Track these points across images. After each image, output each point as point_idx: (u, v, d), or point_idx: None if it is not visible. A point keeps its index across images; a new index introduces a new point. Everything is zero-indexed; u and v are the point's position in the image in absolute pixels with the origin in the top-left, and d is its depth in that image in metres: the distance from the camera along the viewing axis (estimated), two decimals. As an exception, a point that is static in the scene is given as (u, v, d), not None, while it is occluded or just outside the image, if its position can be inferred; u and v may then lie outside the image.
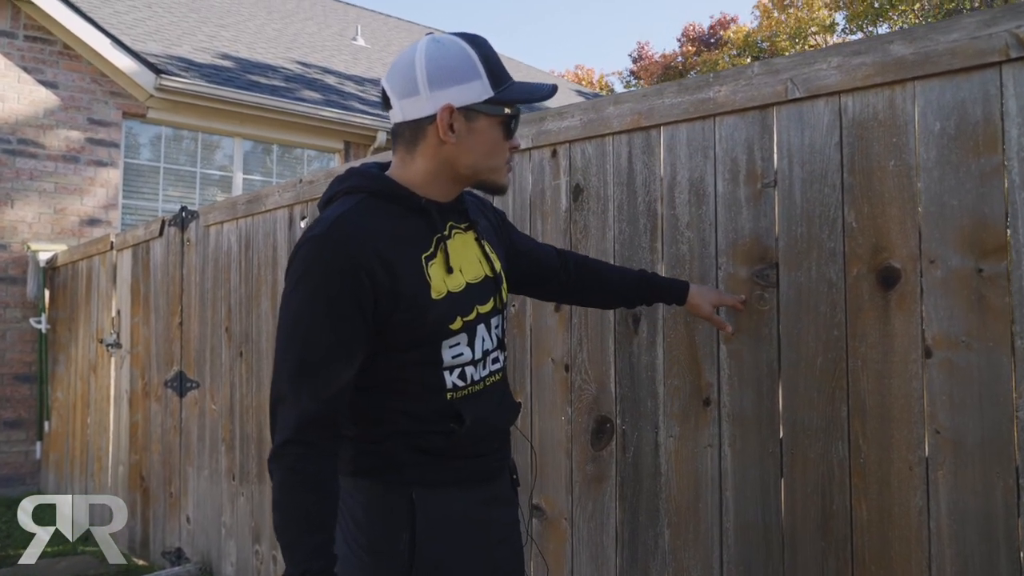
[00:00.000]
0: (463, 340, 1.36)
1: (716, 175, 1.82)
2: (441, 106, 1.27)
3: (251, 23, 10.16)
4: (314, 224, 1.30)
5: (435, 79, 1.28)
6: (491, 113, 1.31)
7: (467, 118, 1.29)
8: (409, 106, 1.31)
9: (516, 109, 1.34)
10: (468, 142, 1.31)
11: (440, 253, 1.34)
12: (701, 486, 1.82)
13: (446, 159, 1.32)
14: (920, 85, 1.51)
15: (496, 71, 1.30)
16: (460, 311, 1.35)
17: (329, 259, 1.23)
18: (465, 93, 1.28)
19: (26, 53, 6.30)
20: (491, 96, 1.29)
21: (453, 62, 1.28)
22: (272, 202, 3.29)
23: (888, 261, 1.54)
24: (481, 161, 1.33)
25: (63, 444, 5.62)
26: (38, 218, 6.29)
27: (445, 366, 1.34)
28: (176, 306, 4.00)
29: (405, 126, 1.33)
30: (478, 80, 1.28)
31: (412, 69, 1.29)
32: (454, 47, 1.29)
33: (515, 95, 1.32)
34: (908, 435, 1.50)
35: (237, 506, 3.48)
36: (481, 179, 1.37)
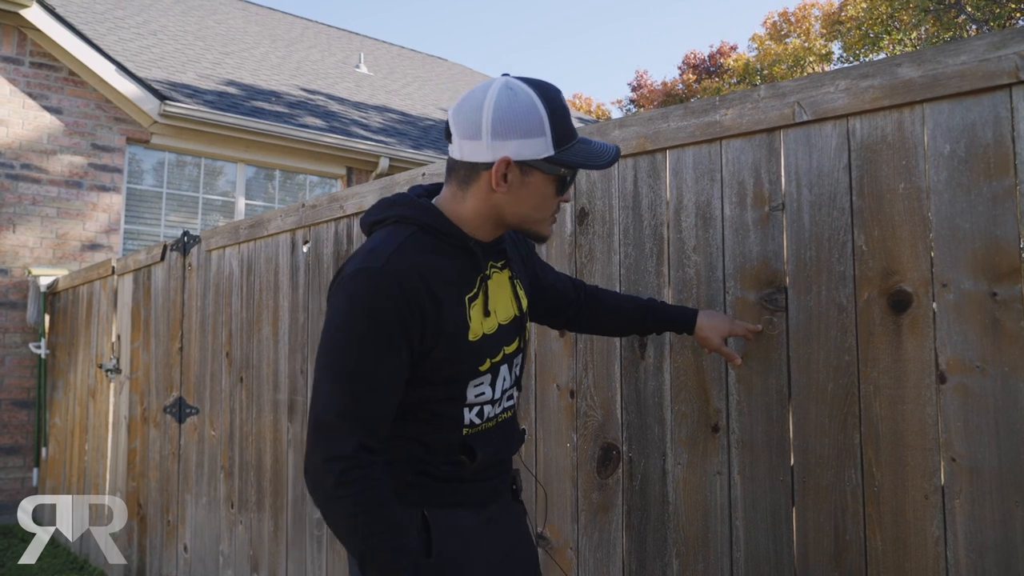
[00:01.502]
0: (487, 380, 1.40)
1: (723, 198, 1.81)
2: (499, 157, 1.28)
3: (255, 51, 10.25)
4: (366, 256, 1.30)
5: (499, 129, 1.28)
6: (547, 171, 1.31)
7: (522, 171, 1.31)
8: (469, 147, 1.31)
9: (573, 171, 1.34)
10: (519, 193, 1.32)
11: (482, 294, 1.38)
12: (710, 515, 1.78)
13: (495, 204, 1.34)
14: (929, 107, 1.50)
15: (561, 130, 1.30)
16: (490, 353, 1.39)
17: (385, 293, 1.24)
18: (525, 148, 1.29)
19: (31, 79, 6.35)
20: (551, 155, 1.30)
21: (520, 115, 1.28)
22: (274, 227, 3.28)
23: (899, 285, 1.51)
24: (529, 213, 1.35)
25: (60, 471, 5.56)
26: (40, 243, 6.29)
27: (467, 403, 1.38)
28: (177, 331, 3.98)
29: (461, 164, 1.34)
30: (541, 137, 1.29)
31: (479, 113, 1.29)
32: (525, 99, 1.28)
33: (574, 158, 1.32)
34: (923, 463, 1.46)
35: (235, 535, 3.43)
36: (525, 228, 1.39)
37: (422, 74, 13.31)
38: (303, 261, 3.12)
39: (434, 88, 12.53)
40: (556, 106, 1.30)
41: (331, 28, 14.02)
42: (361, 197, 2.82)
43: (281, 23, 12.75)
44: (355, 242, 2.84)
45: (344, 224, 2.90)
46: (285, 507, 3.11)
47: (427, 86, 12.46)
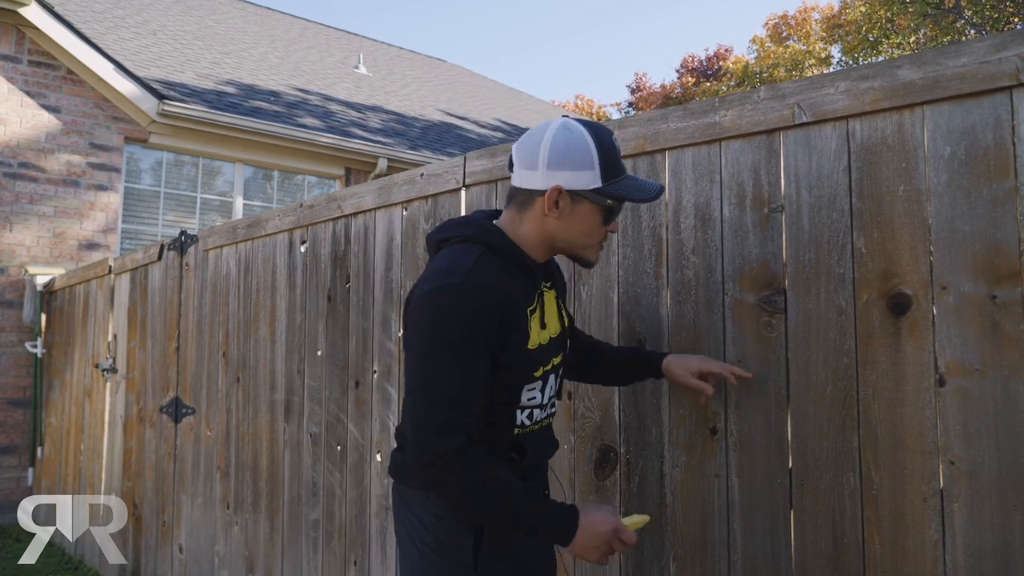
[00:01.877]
0: (539, 386, 1.57)
1: (722, 200, 1.80)
2: (551, 185, 1.46)
3: (254, 51, 10.24)
4: (445, 273, 1.44)
5: (553, 161, 1.46)
6: (595, 201, 1.48)
7: (572, 200, 1.48)
8: (527, 176, 1.50)
9: (619, 202, 1.50)
10: (569, 220, 1.50)
11: (539, 308, 1.56)
12: (708, 517, 1.77)
13: (547, 229, 1.51)
14: (929, 109, 1.49)
15: (609, 165, 1.47)
16: (543, 362, 1.56)
17: (467, 307, 1.39)
18: (576, 179, 1.46)
19: (29, 78, 6.34)
20: (598, 187, 1.46)
21: (572, 150, 1.45)
22: (272, 226, 3.27)
23: (899, 287, 1.51)
24: (577, 238, 1.53)
25: (56, 471, 5.54)
26: (36, 242, 6.27)
27: (520, 406, 1.55)
28: (173, 331, 3.96)
29: (520, 191, 1.52)
30: (591, 171, 1.46)
31: (537, 147, 1.48)
32: (579, 136, 1.46)
33: (619, 191, 1.48)
34: (922, 466, 1.46)
35: (231, 535, 3.41)
36: (574, 253, 1.57)
37: (421, 75, 13.31)
38: (301, 261, 3.11)
39: (433, 89, 12.53)
40: (606, 145, 1.48)
41: (330, 28, 14.01)
42: (359, 197, 2.81)
43: (280, 23, 12.74)
44: (353, 242, 2.83)
45: (342, 224, 2.90)
46: (281, 508, 3.10)
47: (426, 87, 12.46)
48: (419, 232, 2.57)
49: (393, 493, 1.66)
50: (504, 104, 13.40)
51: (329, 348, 2.90)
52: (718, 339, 1.78)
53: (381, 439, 2.63)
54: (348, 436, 2.78)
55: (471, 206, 2.40)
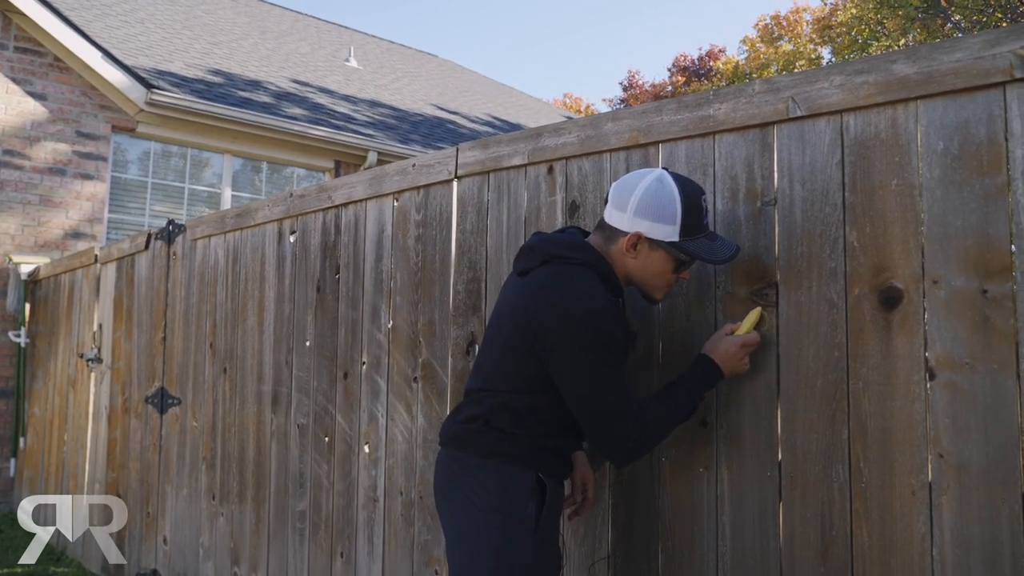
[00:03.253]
0: None
1: (715, 193, 1.80)
2: (634, 230, 1.64)
3: (244, 42, 10.17)
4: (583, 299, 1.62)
5: (641, 209, 1.64)
6: (670, 252, 1.65)
7: (651, 246, 1.65)
8: (616, 217, 1.69)
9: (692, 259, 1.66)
10: (644, 262, 1.68)
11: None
12: (697, 510, 1.77)
13: (626, 266, 1.71)
14: (923, 104, 1.50)
15: (690, 224, 1.62)
16: None
17: (611, 323, 1.61)
18: (656, 229, 1.63)
19: (15, 64, 6.26)
20: (675, 241, 1.63)
21: (660, 204, 1.62)
22: (261, 216, 3.25)
23: (890, 281, 1.51)
24: (649, 280, 1.71)
25: (38, 461, 5.49)
26: (21, 230, 6.20)
27: None
28: (160, 321, 3.93)
29: (608, 226, 1.71)
30: (671, 225, 1.62)
31: (631, 193, 1.66)
32: (669, 191, 1.62)
33: (693, 249, 1.63)
34: (911, 459, 1.46)
35: (216, 527, 3.39)
36: (644, 289, 1.74)
37: (412, 69, 13.26)
38: (290, 251, 3.09)
39: (424, 83, 12.49)
40: (692, 204, 1.62)
41: (321, 21, 13.93)
42: (350, 187, 2.79)
43: (271, 15, 12.65)
44: (343, 232, 2.82)
45: (332, 214, 2.88)
46: (267, 499, 3.08)
47: (417, 81, 12.41)
48: (410, 223, 2.55)
49: (448, 462, 1.79)
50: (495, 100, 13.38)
51: (318, 339, 2.89)
52: (710, 332, 1.77)
53: (369, 430, 2.62)
54: (336, 427, 2.77)
55: (463, 197, 2.39)
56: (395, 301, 2.58)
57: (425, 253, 2.49)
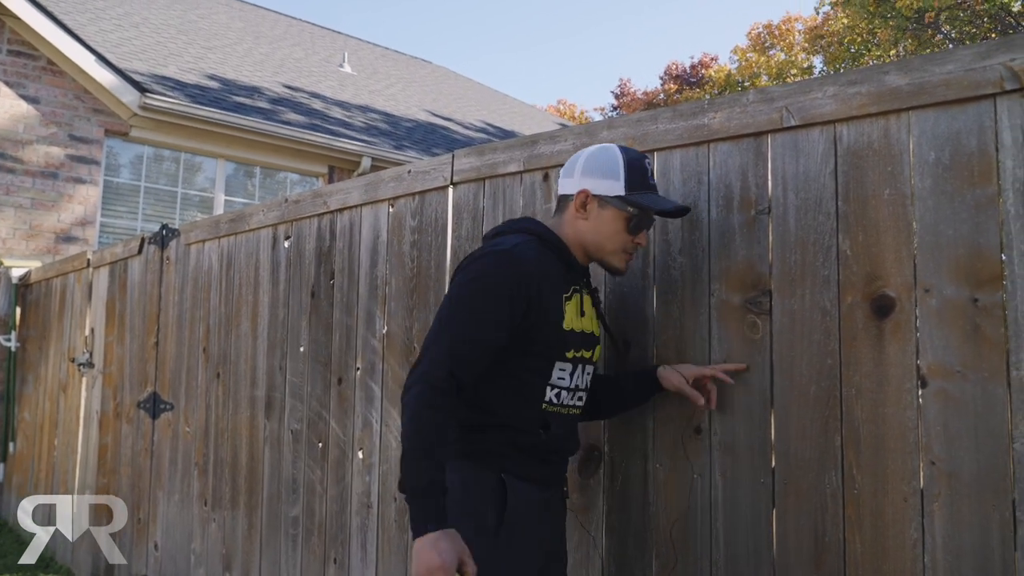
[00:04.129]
0: (568, 369, 1.70)
1: (710, 201, 1.81)
2: (580, 188, 1.69)
3: (238, 47, 10.17)
4: (494, 244, 1.66)
5: (585, 170, 1.70)
6: (618, 207, 1.67)
7: (599, 204, 1.69)
8: (565, 183, 1.75)
9: (640, 212, 1.67)
10: (595, 223, 1.70)
11: (575, 297, 1.71)
12: (691, 517, 1.78)
13: (579, 231, 1.71)
14: (915, 115, 1.51)
15: (635, 179, 1.67)
16: (574, 346, 1.70)
17: (506, 269, 1.59)
18: (601, 185, 1.68)
19: (8, 67, 6.25)
20: (621, 194, 1.67)
21: (603, 162, 1.69)
22: (256, 221, 3.25)
23: (882, 290, 1.53)
24: (603, 242, 1.70)
25: (28, 466, 5.45)
26: (12, 234, 6.18)
27: (550, 382, 1.68)
28: (152, 325, 3.92)
29: (561, 198, 1.76)
30: (616, 180, 1.67)
31: (577, 160, 1.74)
32: (611, 153, 1.70)
33: (640, 200, 1.66)
34: (903, 466, 1.48)
35: (208, 532, 3.38)
36: (601, 257, 1.73)
37: (406, 75, 13.28)
38: (284, 257, 3.09)
39: (418, 89, 12.51)
40: (635, 163, 1.68)
41: (315, 27, 13.94)
42: (345, 193, 2.80)
43: (265, 20, 12.66)
44: (338, 238, 2.82)
45: (327, 220, 2.88)
46: (260, 505, 3.07)
47: (411, 87, 12.43)
48: (405, 229, 2.56)
49: None
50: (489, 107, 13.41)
51: (312, 344, 2.89)
52: (703, 339, 1.79)
53: (363, 436, 2.62)
54: (330, 433, 2.76)
55: (458, 204, 2.40)
56: (390, 307, 2.58)
57: (420, 259, 2.49)
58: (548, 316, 1.63)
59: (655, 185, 1.71)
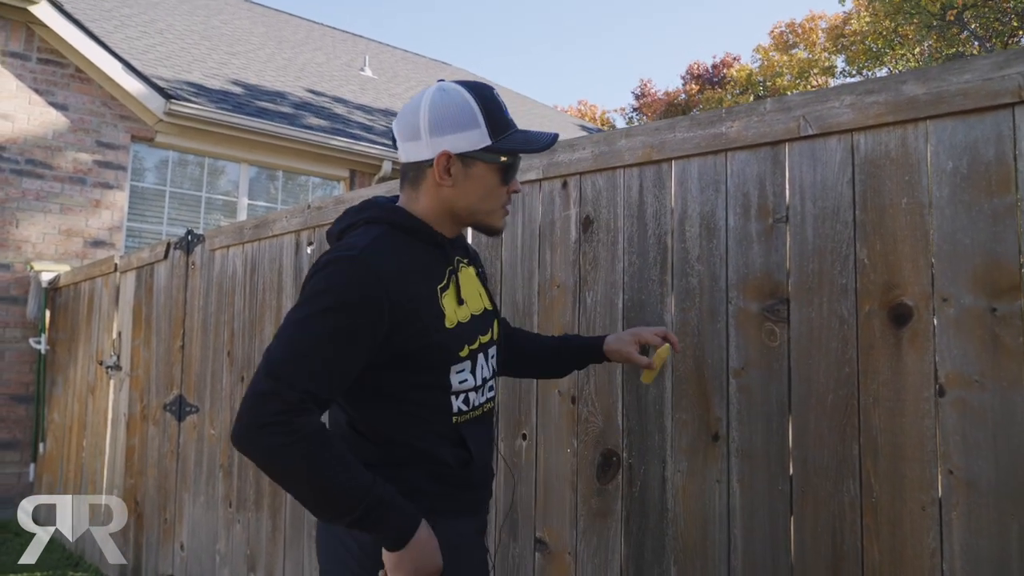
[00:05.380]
0: (467, 367, 1.44)
1: (727, 209, 1.83)
2: (439, 152, 1.37)
3: (261, 52, 10.29)
4: (341, 247, 1.36)
5: (436, 126, 1.37)
6: (488, 160, 1.39)
7: (464, 164, 1.39)
8: (412, 149, 1.41)
9: (513, 157, 1.42)
10: (465, 186, 1.40)
11: (452, 285, 1.44)
12: (709, 523, 1.79)
13: (444, 199, 1.42)
14: (933, 124, 1.52)
15: (496, 121, 1.39)
16: (467, 340, 1.44)
17: (356, 282, 1.29)
18: (462, 140, 1.37)
19: (38, 75, 6.37)
20: (488, 144, 1.38)
21: (454, 111, 1.37)
22: (279, 227, 3.30)
23: (900, 298, 1.53)
24: (477, 204, 1.42)
25: (57, 467, 5.56)
26: (42, 238, 6.30)
27: (453, 391, 1.42)
28: (178, 329, 3.99)
29: (409, 167, 1.43)
30: (476, 129, 1.37)
31: (416, 115, 1.39)
32: (457, 96, 1.38)
33: (512, 145, 1.40)
34: (921, 475, 1.48)
35: (233, 533, 3.43)
36: (477, 220, 1.46)
37: (426, 78, 13.35)
38: (307, 262, 3.13)
39: (438, 93, 12.55)
40: (489, 100, 1.39)
41: (336, 31, 14.06)
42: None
43: (287, 25, 12.79)
44: (360, 244, 2.85)
45: (349, 226, 2.92)
46: (283, 506, 3.12)
47: (431, 90, 12.48)
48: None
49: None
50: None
51: (334, 349, 2.92)
52: (721, 347, 1.80)
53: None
54: (352, 437, 2.80)
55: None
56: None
57: (440, 266, 2.52)
58: (425, 322, 1.35)
59: (512, 118, 1.43)
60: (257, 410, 1.22)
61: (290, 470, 1.24)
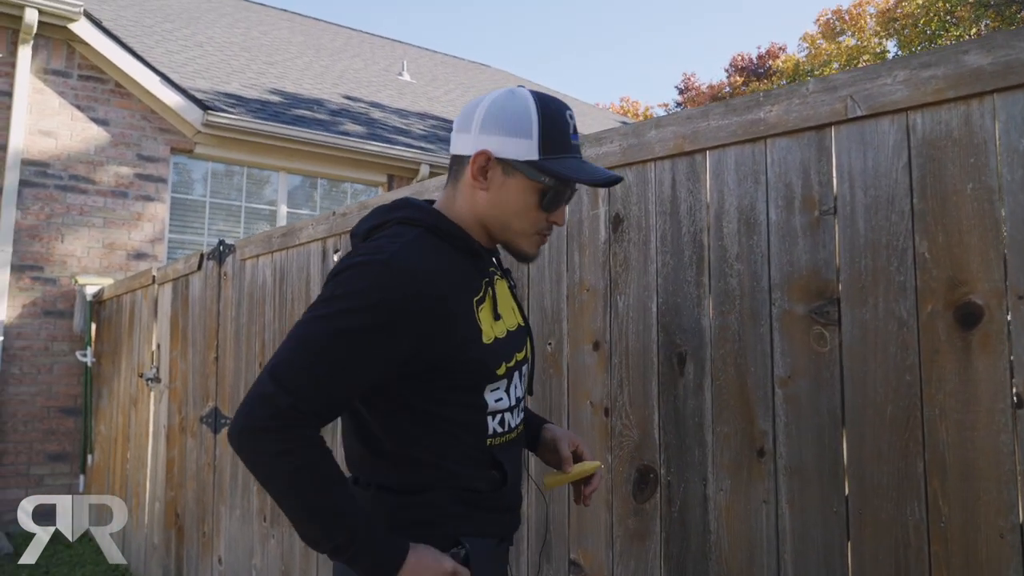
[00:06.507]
0: (503, 386, 1.34)
1: (768, 202, 1.66)
2: (480, 149, 1.27)
3: (299, 60, 10.34)
4: (368, 249, 1.24)
5: (487, 124, 1.28)
6: (528, 175, 1.27)
7: (504, 171, 1.28)
8: (460, 140, 1.32)
9: (558, 183, 1.28)
10: (499, 195, 1.29)
11: (488, 298, 1.32)
12: (756, 547, 1.63)
13: (477, 203, 1.31)
14: (1000, 98, 1.34)
15: (552, 139, 1.27)
16: (504, 357, 1.33)
17: (385, 288, 1.18)
18: (509, 146, 1.26)
19: (79, 92, 6.47)
20: (534, 159, 1.26)
21: (510, 114, 1.27)
22: (306, 235, 3.22)
23: (968, 297, 1.36)
24: (510, 220, 1.31)
25: (104, 478, 5.62)
26: (87, 252, 6.39)
27: (489, 411, 1.32)
28: (212, 340, 3.96)
29: (454, 159, 1.34)
30: (527, 139, 1.26)
31: (475, 108, 1.31)
32: (521, 102, 1.28)
33: (558, 168, 1.26)
34: (997, 497, 1.30)
35: (267, 549, 3.37)
36: (508, 239, 1.34)
37: (465, 81, 13.29)
38: (333, 270, 3.05)
39: (476, 94, 12.48)
40: (553, 117, 1.28)
41: (375, 37, 14.11)
42: (390, 204, 2.73)
43: (325, 33, 12.87)
44: (384, 251, 2.76)
45: (374, 232, 2.82)
46: (315, 522, 3.04)
47: (470, 92, 12.43)
48: (450, 240, 2.47)
49: None
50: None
51: (361, 359, 2.83)
52: (765, 353, 1.64)
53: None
54: (381, 450, 2.70)
55: (503, 212, 2.29)
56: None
57: (466, 271, 2.40)
58: (463, 335, 1.24)
59: (578, 145, 1.32)
60: (254, 413, 1.15)
61: (275, 481, 1.17)
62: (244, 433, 1.15)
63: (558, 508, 2.04)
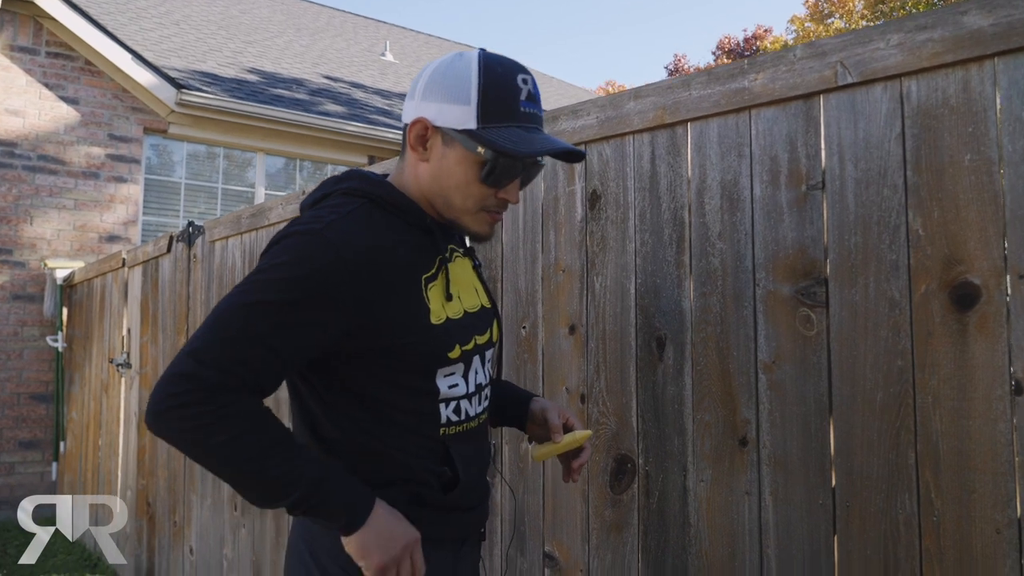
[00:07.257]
0: (459, 371, 1.25)
1: (752, 177, 1.56)
2: (417, 116, 1.19)
3: (278, 40, 10.13)
4: (304, 219, 1.17)
5: (428, 89, 1.19)
6: (465, 146, 1.16)
7: (444, 141, 1.19)
8: (407, 107, 1.23)
9: (500, 156, 1.15)
10: (439, 167, 1.20)
11: (441, 276, 1.24)
12: (737, 540, 1.55)
13: (420, 176, 1.23)
14: (1002, 62, 1.24)
15: (493, 106, 1.15)
16: (459, 339, 1.23)
17: (316, 259, 1.09)
18: (447, 113, 1.17)
19: (48, 69, 6.27)
20: (471, 128, 1.15)
21: (451, 78, 1.17)
22: (275, 215, 3.10)
23: (964, 276, 1.27)
24: (450, 195, 1.21)
25: (77, 466, 5.50)
26: (57, 235, 6.22)
27: (441, 398, 1.23)
28: (183, 324, 3.83)
29: (404, 130, 1.25)
30: (464, 106, 1.15)
31: (422, 74, 1.23)
32: (465, 66, 1.17)
33: (495, 139, 1.14)
34: (994, 490, 1.22)
35: (238, 538, 3.27)
36: (454, 216, 1.23)
37: (449, 61, 13.10)
38: (303, 252, 2.93)
39: (460, 75, 12.31)
40: (498, 82, 1.16)
41: (357, 16, 13.86)
42: (361, 182, 2.62)
43: (307, 12, 12.62)
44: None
45: (344, 212, 2.71)
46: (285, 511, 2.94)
47: (453, 73, 12.24)
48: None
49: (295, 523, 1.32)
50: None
51: (332, 344, 2.72)
52: (748, 336, 1.55)
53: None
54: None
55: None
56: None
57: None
58: (405, 317, 1.16)
59: (532, 113, 1.18)
60: (169, 390, 1.05)
61: (211, 453, 1.07)
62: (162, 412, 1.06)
63: (532, 499, 1.96)
